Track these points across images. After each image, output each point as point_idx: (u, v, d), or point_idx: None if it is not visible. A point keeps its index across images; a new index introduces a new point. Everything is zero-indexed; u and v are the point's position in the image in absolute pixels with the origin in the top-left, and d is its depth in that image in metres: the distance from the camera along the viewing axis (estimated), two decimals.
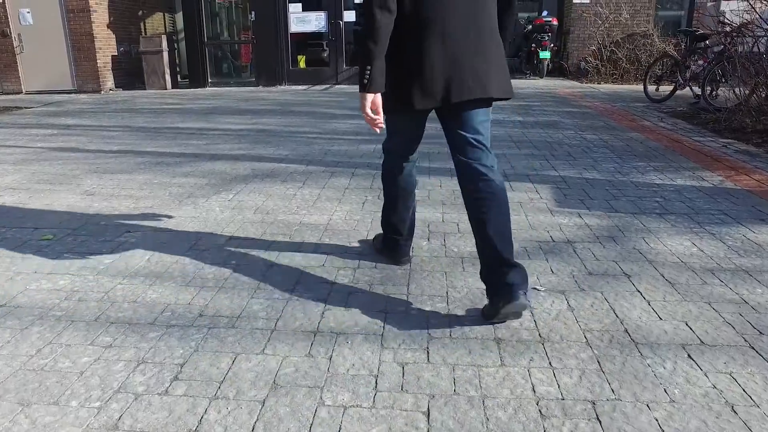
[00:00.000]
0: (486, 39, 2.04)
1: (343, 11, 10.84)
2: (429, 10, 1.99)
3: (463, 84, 2.01)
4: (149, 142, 5.85)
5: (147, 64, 11.51)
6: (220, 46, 12.91)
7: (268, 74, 11.21)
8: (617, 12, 11.75)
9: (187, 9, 11.30)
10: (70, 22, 11.24)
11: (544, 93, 9.60)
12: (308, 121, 6.81)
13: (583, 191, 3.83)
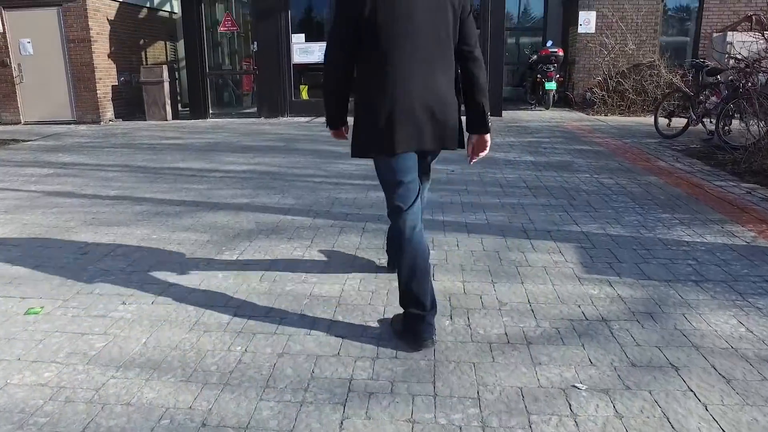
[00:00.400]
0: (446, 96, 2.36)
1: None
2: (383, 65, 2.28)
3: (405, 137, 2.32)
4: (148, 185, 5.63)
5: (147, 95, 11.35)
6: (221, 76, 12.79)
7: (271, 105, 11.05)
8: (623, 42, 11.64)
9: (188, 38, 11.18)
10: (71, 52, 11.11)
11: (552, 127, 9.42)
12: (313, 161, 6.59)
13: (609, 252, 3.59)
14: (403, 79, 2.29)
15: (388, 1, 2.24)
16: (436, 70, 2.34)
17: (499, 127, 9.40)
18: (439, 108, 2.35)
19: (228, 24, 11.33)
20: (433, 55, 2.32)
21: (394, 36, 2.28)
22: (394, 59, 2.29)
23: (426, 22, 2.29)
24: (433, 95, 2.32)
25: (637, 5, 11.65)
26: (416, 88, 2.30)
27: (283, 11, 10.72)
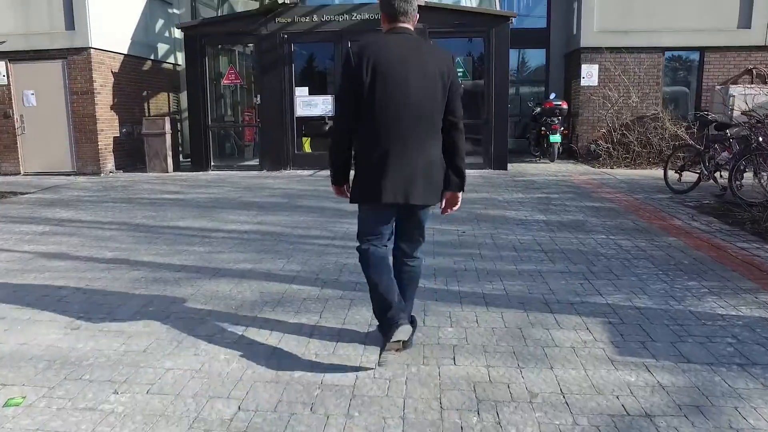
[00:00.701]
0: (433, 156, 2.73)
1: None
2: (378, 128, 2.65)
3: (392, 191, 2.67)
4: (147, 246, 5.40)
5: (149, 147, 11.26)
6: (224, 128, 12.74)
7: (273, 158, 10.93)
8: (626, 95, 11.65)
9: (191, 91, 11.15)
10: (74, 104, 11.07)
11: (559, 181, 9.28)
12: (318, 220, 6.38)
13: (640, 328, 3.34)
14: (396, 143, 2.67)
15: (385, 77, 2.62)
16: (425, 137, 2.71)
17: (506, 181, 9.25)
18: (426, 169, 2.72)
19: (232, 77, 11.34)
20: (423, 123, 2.69)
21: (391, 106, 2.65)
22: (390, 126, 2.66)
23: (418, 95, 2.65)
24: (422, 158, 2.70)
25: (639, 58, 11.72)
26: (408, 151, 2.68)
27: (287, 65, 10.73)
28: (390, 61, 2.63)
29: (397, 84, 2.62)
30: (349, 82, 2.65)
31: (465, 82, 10.93)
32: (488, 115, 10.50)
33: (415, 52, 2.68)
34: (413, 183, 2.69)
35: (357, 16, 10.41)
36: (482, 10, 10.44)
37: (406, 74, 2.63)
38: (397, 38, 2.71)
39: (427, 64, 2.67)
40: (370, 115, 2.66)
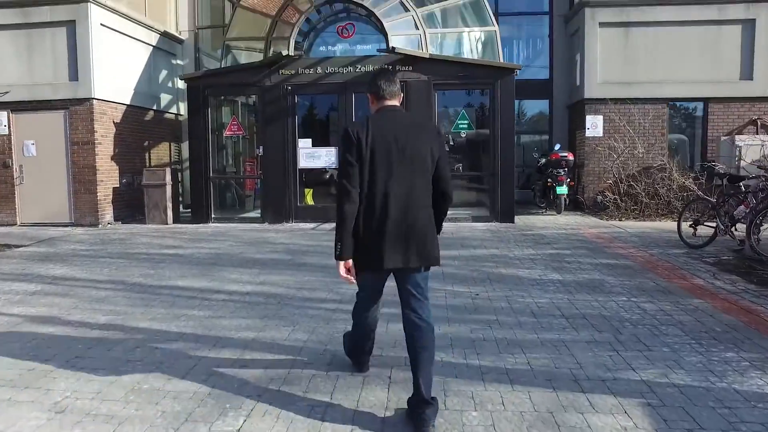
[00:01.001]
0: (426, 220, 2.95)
1: None
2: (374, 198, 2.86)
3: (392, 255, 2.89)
4: (143, 310, 5.10)
5: (149, 198, 11.06)
6: (225, 179, 12.58)
7: (275, 211, 10.71)
8: (632, 145, 11.56)
9: (193, 142, 11.03)
10: (74, 155, 10.93)
11: (569, 235, 9.04)
12: (323, 280, 6.09)
13: (684, 411, 3.03)
14: (393, 211, 2.87)
15: (382, 152, 2.87)
16: (420, 204, 2.94)
17: (515, 235, 9.01)
18: (421, 234, 2.93)
19: (234, 128, 11.24)
20: (417, 192, 2.92)
21: (387, 178, 2.87)
22: (387, 195, 2.87)
23: (412, 167, 2.90)
24: (418, 224, 2.91)
25: (644, 109, 11.68)
26: (404, 218, 2.89)
27: (290, 116, 10.64)
28: (385, 137, 2.88)
29: (392, 157, 2.87)
30: (352, 154, 2.87)
31: (469, 133, 10.84)
32: (494, 167, 10.35)
33: (406, 128, 2.96)
34: (410, 248, 2.90)
35: (361, 67, 10.39)
36: (487, 62, 10.43)
37: (400, 148, 2.88)
38: (390, 115, 3.00)
39: (417, 138, 2.93)
40: (369, 187, 2.88)
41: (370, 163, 2.86)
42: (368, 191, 2.88)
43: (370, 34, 10.75)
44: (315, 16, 10.75)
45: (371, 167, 2.86)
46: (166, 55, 13.45)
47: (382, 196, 2.86)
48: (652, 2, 11.61)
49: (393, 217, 2.86)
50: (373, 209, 2.87)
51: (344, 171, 2.88)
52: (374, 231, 2.87)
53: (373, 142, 2.86)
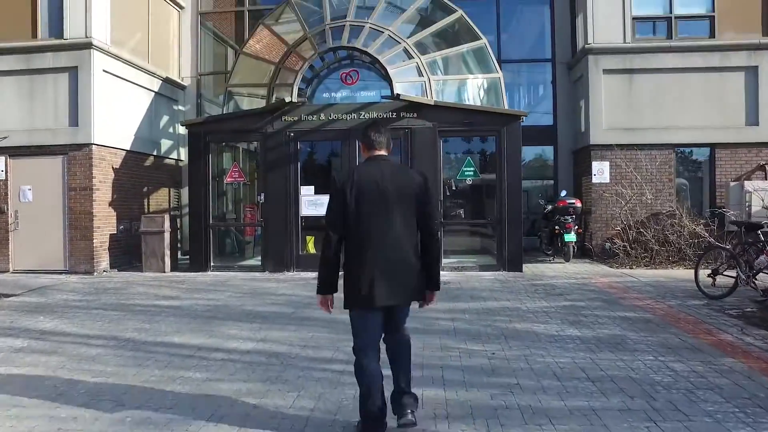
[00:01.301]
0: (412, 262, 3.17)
1: None
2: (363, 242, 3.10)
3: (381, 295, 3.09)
4: (136, 370, 4.74)
5: (146, 245, 10.77)
6: (225, 227, 12.32)
7: (276, 259, 10.40)
8: (639, 192, 11.36)
9: (193, 188, 10.81)
10: (71, 201, 10.69)
11: (580, 285, 8.72)
12: (328, 337, 5.73)
13: None
14: (378, 251, 3.10)
15: (366, 196, 3.11)
16: (403, 245, 3.16)
17: (525, 286, 8.69)
18: (406, 272, 3.16)
19: (235, 175, 11.03)
20: (400, 234, 3.14)
21: (371, 220, 3.11)
22: (372, 238, 3.11)
23: (394, 210, 3.13)
24: (401, 263, 3.14)
25: (650, 155, 11.54)
26: (389, 260, 3.12)
27: (292, 163, 10.46)
28: (369, 183, 3.15)
29: (376, 201, 3.12)
30: (336, 202, 3.17)
31: (476, 180, 10.65)
32: (501, 215, 10.12)
33: (390, 174, 3.21)
34: (396, 285, 3.13)
35: (364, 114, 10.27)
36: (492, 109, 10.33)
37: (383, 193, 3.13)
38: (375, 164, 3.28)
39: (401, 184, 3.20)
40: (355, 229, 3.14)
41: (357, 208, 3.12)
42: (356, 233, 3.15)
43: (374, 81, 10.68)
44: (318, 63, 10.71)
45: (358, 211, 3.12)
46: (167, 100, 13.40)
47: (368, 237, 3.12)
48: (655, 50, 11.64)
49: (377, 255, 3.11)
50: (359, 249, 3.14)
51: (328, 217, 3.21)
52: (361, 270, 3.12)
53: (360, 188, 3.13)
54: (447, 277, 9.39)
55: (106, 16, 10.96)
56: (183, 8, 14.23)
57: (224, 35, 15.08)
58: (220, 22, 15.14)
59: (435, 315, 6.22)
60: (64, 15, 10.58)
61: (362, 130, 3.43)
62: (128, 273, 10.81)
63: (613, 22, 11.76)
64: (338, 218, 3.15)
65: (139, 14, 12.37)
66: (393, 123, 10.20)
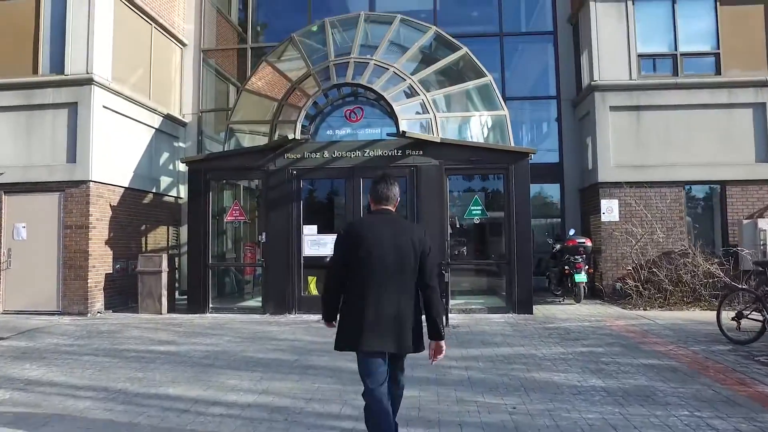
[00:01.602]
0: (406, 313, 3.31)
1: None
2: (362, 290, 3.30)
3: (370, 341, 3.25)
4: (126, 430, 4.34)
5: (143, 285, 10.40)
6: (225, 267, 11.97)
7: (277, 301, 10.02)
8: (650, 230, 11.08)
9: (193, 228, 10.49)
10: (66, 239, 10.38)
11: (596, 328, 8.35)
12: (335, 388, 5.33)
13: None
14: (374, 300, 3.24)
15: (366, 246, 3.28)
16: (399, 293, 3.29)
17: (537, 329, 8.31)
18: (400, 323, 3.25)
19: (236, 213, 10.74)
20: (396, 283, 3.28)
21: (369, 268, 3.27)
22: (370, 286, 3.26)
23: (392, 260, 3.28)
24: (394, 311, 3.25)
25: (661, 193, 11.31)
26: (384, 308, 3.24)
27: (295, 201, 10.19)
28: (370, 235, 3.34)
29: (374, 251, 3.29)
30: (340, 249, 3.44)
31: (483, 219, 10.37)
32: (509, 255, 9.80)
33: (391, 227, 3.39)
34: (387, 334, 3.24)
35: (369, 152, 10.07)
36: (500, 146, 10.12)
37: (382, 244, 3.31)
38: (378, 217, 3.49)
39: (401, 236, 3.35)
40: (354, 275, 3.33)
41: (355, 255, 3.32)
42: (354, 281, 3.33)
43: (378, 118, 10.50)
44: (322, 100, 10.54)
45: (357, 262, 3.31)
46: (168, 137, 13.23)
47: (365, 286, 3.28)
48: (661, 86, 11.54)
49: (376, 310, 3.24)
50: (358, 298, 3.29)
51: (333, 263, 3.49)
52: (355, 313, 3.27)
53: (364, 240, 3.32)
54: (455, 320, 9.01)
55: (107, 52, 10.87)
56: (185, 45, 14.22)
57: (226, 72, 15.04)
58: (222, 60, 15.12)
59: (447, 363, 5.85)
60: (66, 51, 10.49)
61: (372, 183, 3.60)
62: (123, 314, 10.41)
63: (618, 60, 11.69)
64: (340, 269, 3.39)
65: (141, 51, 12.30)
66: (398, 161, 9.98)
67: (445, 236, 9.84)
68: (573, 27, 13.33)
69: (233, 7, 15.90)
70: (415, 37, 11.38)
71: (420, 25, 11.67)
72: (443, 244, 9.76)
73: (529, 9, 14.48)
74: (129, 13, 11.78)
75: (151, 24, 12.64)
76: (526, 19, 14.46)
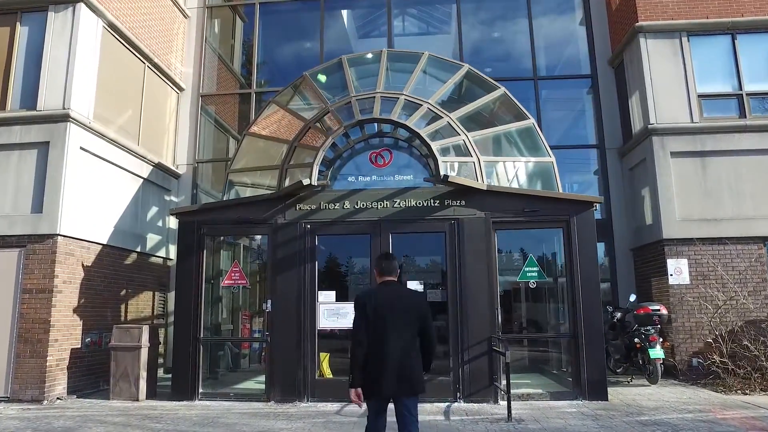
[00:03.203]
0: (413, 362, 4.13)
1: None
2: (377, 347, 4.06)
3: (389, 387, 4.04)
4: None
5: (117, 365, 8.37)
6: (220, 342, 9.92)
7: (285, 385, 7.97)
8: (729, 294, 9.27)
9: (181, 293, 8.58)
10: (23, 305, 8.42)
11: (707, 423, 6.34)
12: None
13: None
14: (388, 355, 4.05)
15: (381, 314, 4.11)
16: (408, 350, 4.14)
17: (628, 426, 6.29)
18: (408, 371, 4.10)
19: (235, 276, 8.80)
20: (405, 342, 4.13)
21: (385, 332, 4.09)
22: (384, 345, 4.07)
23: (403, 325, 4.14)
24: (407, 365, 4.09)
25: (735, 250, 9.59)
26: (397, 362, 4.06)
27: (308, 262, 8.35)
28: (385, 304, 4.14)
29: (387, 318, 4.11)
30: (361, 316, 4.14)
31: (540, 282, 8.52)
32: (575, 327, 7.91)
33: (399, 297, 4.24)
34: (403, 381, 4.05)
35: (400, 202, 8.36)
36: (560, 194, 8.42)
37: (395, 312, 4.13)
38: (388, 288, 4.28)
39: (407, 304, 4.21)
40: (373, 339, 4.08)
41: (374, 323, 4.08)
42: (373, 342, 4.07)
43: (406, 165, 8.83)
44: (342, 142, 8.92)
45: (374, 325, 4.08)
46: (158, 189, 11.53)
47: (382, 345, 4.06)
48: (727, 129, 10.08)
49: (390, 360, 4.04)
50: (377, 354, 4.05)
51: (357, 326, 4.13)
52: (377, 370, 4.02)
53: (378, 307, 4.12)
54: (518, 412, 7.01)
55: (90, 87, 9.32)
56: (183, 90, 12.79)
57: (226, 123, 13.51)
58: (223, 108, 13.63)
59: None
60: (41, 83, 8.93)
61: (376, 260, 4.47)
62: (90, 401, 8.32)
63: (676, 101, 10.27)
64: (364, 336, 4.07)
65: (131, 91, 10.79)
66: (435, 212, 8.26)
67: (495, 304, 7.98)
68: (615, 69, 12.02)
69: (236, 56, 14.61)
70: (445, 77, 9.93)
71: (450, 63, 10.26)
72: (493, 314, 7.89)
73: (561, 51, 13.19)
74: (119, 47, 10.33)
75: (145, 63, 11.20)
76: (558, 63, 13.16)
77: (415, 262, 9.48)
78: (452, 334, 7.95)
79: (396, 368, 3.99)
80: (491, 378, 7.80)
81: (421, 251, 9.21)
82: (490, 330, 7.86)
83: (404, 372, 4.02)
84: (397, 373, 3.99)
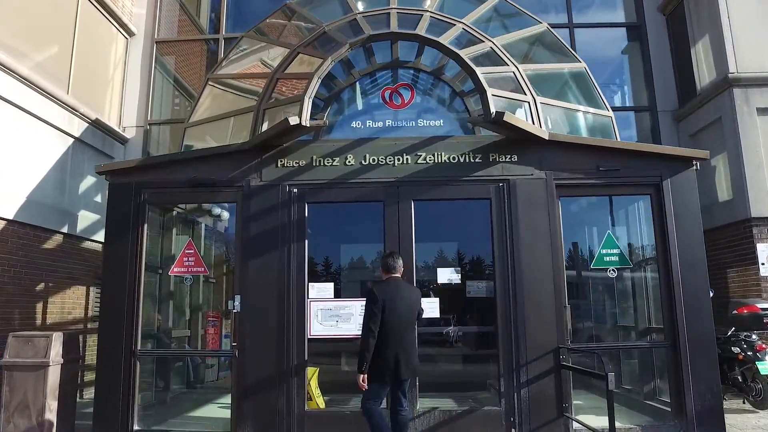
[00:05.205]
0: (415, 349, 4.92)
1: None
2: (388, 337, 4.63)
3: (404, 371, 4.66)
4: None
5: (11, 390, 5.74)
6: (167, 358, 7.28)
7: (260, 418, 5.48)
8: None
9: (110, 281, 5.97)
10: None
11: None
12: None
13: None
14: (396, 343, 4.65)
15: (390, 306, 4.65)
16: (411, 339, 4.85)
17: None
18: (412, 359, 4.79)
19: (189, 262, 6.23)
20: (409, 330, 4.82)
21: (392, 323, 4.65)
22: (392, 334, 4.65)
23: (407, 319, 4.79)
24: (410, 352, 4.75)
25: None
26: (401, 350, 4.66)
27: (295, 241, 5.88)
28: (392, 298, 4.70)
29: (395, 310, 4.68)
30: (375, 308, 4.63)
31: (620, 270, 6.18)
32: (673, 330, 5.60)
33: (402, 292, 4.82)
34: (406, 366, 4.66)
35: (426, 157, 5.96)
36: (649, 148, 6.10)
37: (399, 304, 4.72)
38: (394, 284, 4.84)
39: (409, 298, 4.85)
40: (383, 329, 4.62)
41: (383, 314, 4.62)
42: (382, 332, 4.60)
43: (434, 108, 6.41)
44: (341, 75, 6.44)
45: (383, 317, 4.61)
46: (96, 154, 8.90)
47: (389, 333, 4.61)
48: None
49: (403, 349, 4.66)
50: (386, 344, 4.60)
51: (370, 317, 4.63)
52: (393, 358, 4.60)
53: (386, 300, 4.65)
54: None
55: None
56: (133, 35, 10.19)
57: (188, 83, 10.91)
58: (184, 60, 11.03)
59: None
60: None
61: (381, 259, 5.00)
62: None
63: (763, 44, 8.09)
64: (378, 318, 4.61)
65: (58, 22, 8.17)
66: (476, 171, 5.89)
67: (563, 301, 5.62)
68: (668, 17, 9.81)
69: (203, 9, 11.98)
70: (474, 5, 7.57)
71: None
72: (561, 315, 5.54)
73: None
74: None
75: None
76: (597, 9, 10.89)
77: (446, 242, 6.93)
78: (503, 345, 5.58)
79: (407, 355, 4.66)
80: (560, 407, 5.43)
81: (455, 226, 6.71)
82: (557, 338, 5.50)
83: (411, 359, 4.73)
84: (407, 360, 4.64)
